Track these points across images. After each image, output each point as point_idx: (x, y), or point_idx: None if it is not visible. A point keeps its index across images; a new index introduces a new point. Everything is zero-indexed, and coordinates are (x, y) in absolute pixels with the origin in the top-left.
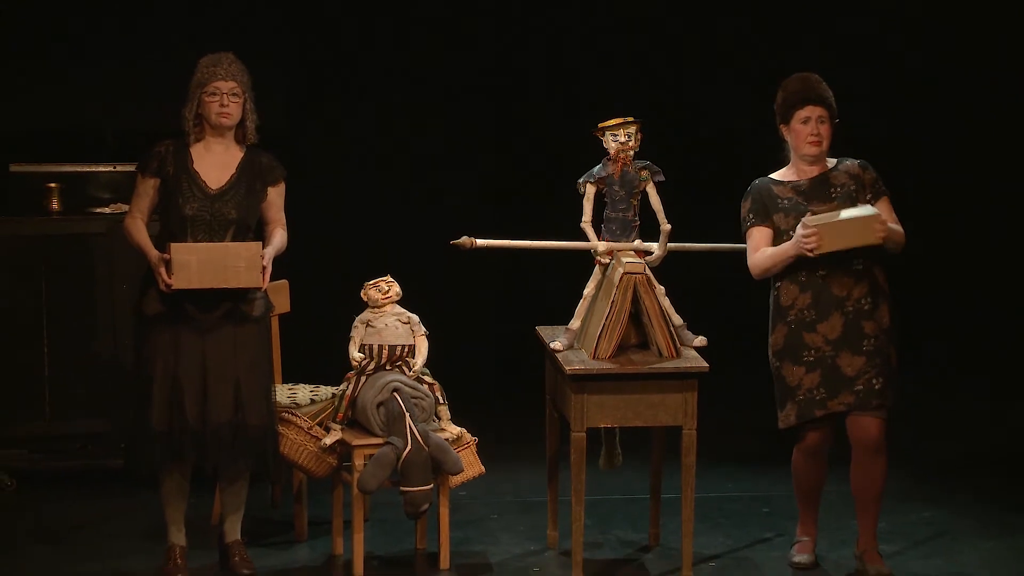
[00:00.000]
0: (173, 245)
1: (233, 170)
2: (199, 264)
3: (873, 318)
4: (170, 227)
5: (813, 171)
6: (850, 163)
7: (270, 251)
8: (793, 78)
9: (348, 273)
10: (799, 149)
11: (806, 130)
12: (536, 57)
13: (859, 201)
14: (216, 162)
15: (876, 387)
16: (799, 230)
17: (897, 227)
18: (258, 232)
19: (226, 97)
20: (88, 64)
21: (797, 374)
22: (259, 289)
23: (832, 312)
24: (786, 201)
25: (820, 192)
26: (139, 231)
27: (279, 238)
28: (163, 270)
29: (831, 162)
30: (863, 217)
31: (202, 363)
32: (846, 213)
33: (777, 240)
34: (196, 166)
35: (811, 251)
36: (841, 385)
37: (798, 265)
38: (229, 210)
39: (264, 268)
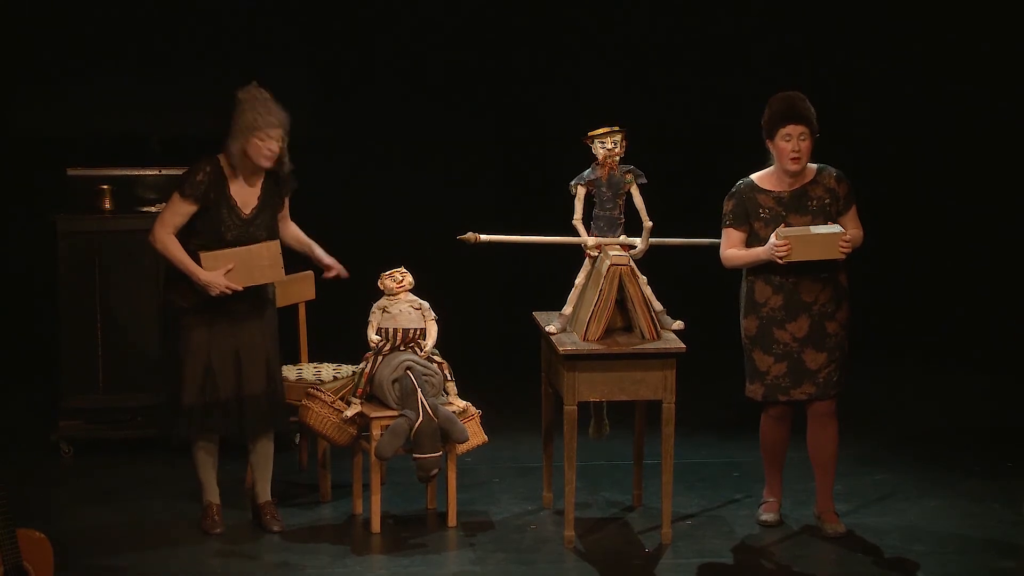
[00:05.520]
0: (203, 256)
1: (259, 191)
2: (232, 271)
3: (835, 318)
4: (209, 247)
5: (794, 182)
6: (828, 174)
7: (320, 251)
8: (777, 97)
9: (366, 265)
10: (782, 164)
11: (788, 147)
12: (535, 70)
13: (831, 211)
14: (246, 186)
15: (834, 379)
16: (772, 239)
17: (858, 232)
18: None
19: (273, 142)
20: (136, 78)
21: (766, 361)
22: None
23: (800, 315)
24: (767, 211)
25: (799, 204)
26: (179, 248)
27: (301, 234)
28: (219, 282)
29: (812, 170)
30: (830, 234)
31: (235, 346)
32: (816, 230)
33: (751, 242)
34: (232, 192)
35: (781, 259)
36: (804, 376)
37: (772, 269)
38: (260, 232)
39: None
